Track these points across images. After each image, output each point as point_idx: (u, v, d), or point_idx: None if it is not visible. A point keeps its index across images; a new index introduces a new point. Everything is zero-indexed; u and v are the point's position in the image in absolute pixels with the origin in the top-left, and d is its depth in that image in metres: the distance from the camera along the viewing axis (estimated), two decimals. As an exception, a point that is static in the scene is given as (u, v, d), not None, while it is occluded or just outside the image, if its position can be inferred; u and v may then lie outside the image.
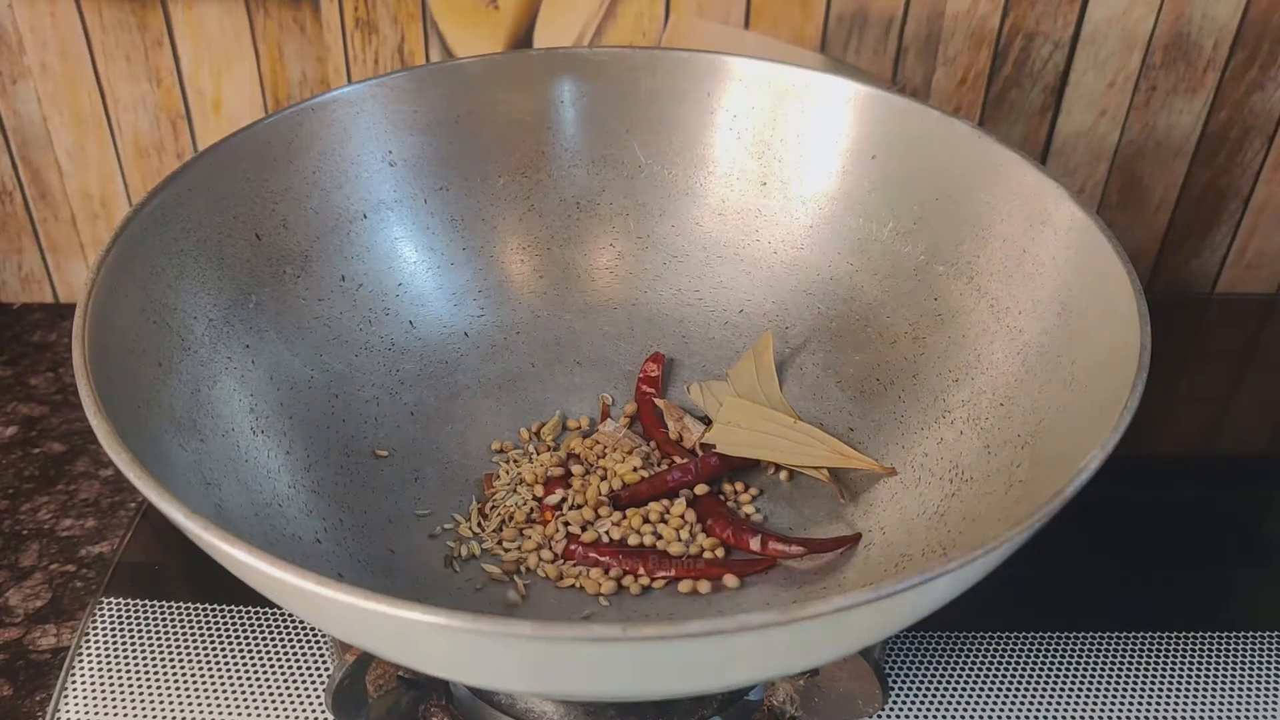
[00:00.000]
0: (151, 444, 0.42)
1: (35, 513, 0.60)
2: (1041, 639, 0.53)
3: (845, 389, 0.56)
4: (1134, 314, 0.42)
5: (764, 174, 0.58)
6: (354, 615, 0.32)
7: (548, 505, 0.52)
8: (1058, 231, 0.49)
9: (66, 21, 0.65)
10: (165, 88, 0.67)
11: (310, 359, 0.53)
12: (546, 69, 0.58)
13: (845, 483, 0.52)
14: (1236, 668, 0.52)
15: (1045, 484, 0.41)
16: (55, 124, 0.68)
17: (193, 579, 0.54)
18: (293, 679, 0.50)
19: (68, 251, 0.73)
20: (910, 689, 0.50)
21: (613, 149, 0.60)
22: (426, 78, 0.57)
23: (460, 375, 0.57)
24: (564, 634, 0.31)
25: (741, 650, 0.33)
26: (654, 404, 0.56)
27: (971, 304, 0.52)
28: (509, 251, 0.60)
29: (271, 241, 0.53)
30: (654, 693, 0.41)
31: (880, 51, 0.68)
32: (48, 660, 0.52)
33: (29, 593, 0.56)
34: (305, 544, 0.47)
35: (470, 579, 0.49)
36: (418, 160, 0.57)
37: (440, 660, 0.36)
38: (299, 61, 0.67)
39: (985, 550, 0.34)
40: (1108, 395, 0.41)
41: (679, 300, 0.60)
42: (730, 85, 0.58)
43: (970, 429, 0.50)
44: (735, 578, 0.48)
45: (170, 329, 0.47)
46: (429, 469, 0.53)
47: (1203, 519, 0.60)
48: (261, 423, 0.50)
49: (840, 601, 0.31)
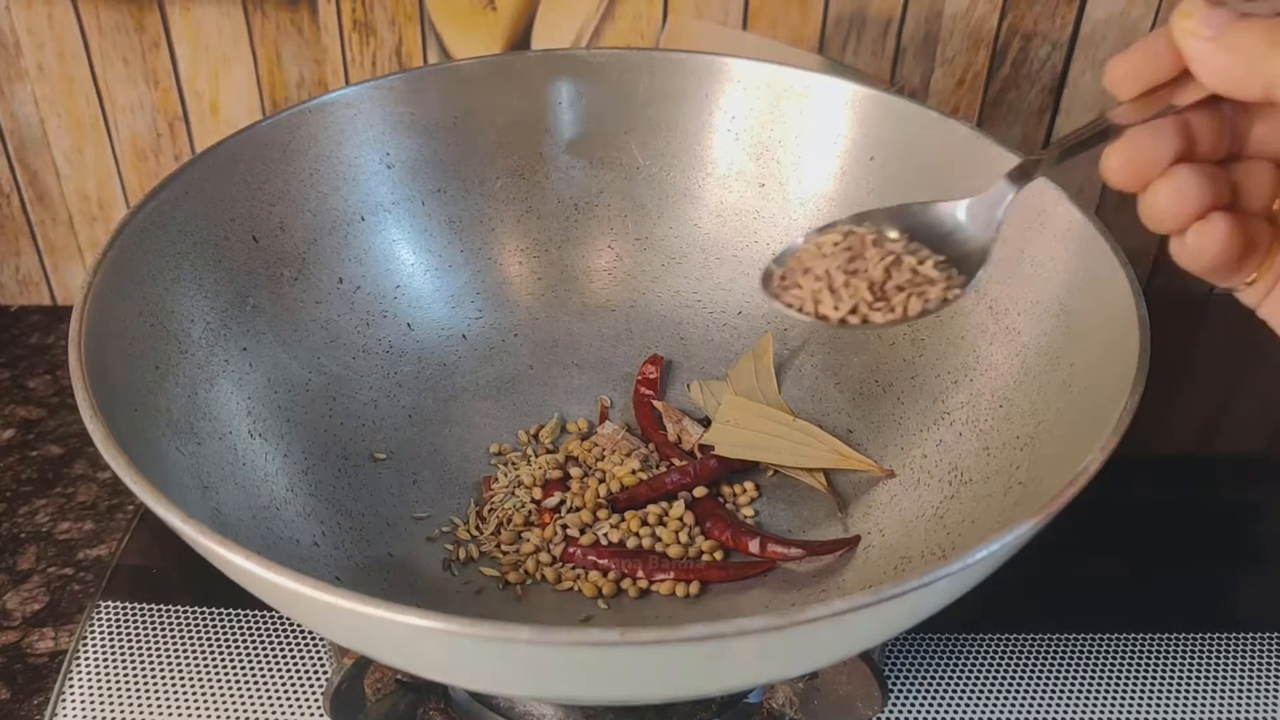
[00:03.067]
0: (148, 447, 0.42)
1: (33, 516, 0.60)
2: (1041, 640, 0.53)
3: (844, 391, 0.56)
4: (1133, 315, 0.42)
5: (762, 175, 0.58)
6: (352, 620, 0.32)
7: (546, 508, 0.52)
8: (1056, 233, 0.49)
9: (64, 24, 0.65)
10: (163, 90, 0.67)
11: (308, 362, 0.53)
12: (544, 70, 0.58)
13: (844, 484, 0.52)
14: (1236, 668, 0.52)
15: (1045, 486, 0.41)
16: (53, 126, 0.68)
17: (191, 582, 0.54)
18: (291, 683, 0.50)
19: (65, 254, 0.73)
20: (910, 691, 0.50)
21: (611, 150, 0.59)
22: (424, 79, 0.57)
23: (458, 377, 0.57)
24: (562, 638, 0.30)
25: (740, 654, 0.33)
26: (652, 406, 0.56)
27: (970, 305, 0.52)
28: (507, 253, 0.60)
29: (269, 244, 0.53)
30: (653, 696, 0.41)
31: (878, 52, 0.68)
32: (45, 664, 0.52)
33: (27, 596, 0.56)
34: (303, 547, 0.47)
35: (469, 582, 0.49)
36: (415, 162, 0.57)
37: (438, 664, 0.36)
38: (296, 63, 0.67)
39: (985, 553, 0.34)
40: (1107, 397, 0.41)
41: (677, 302, 0.60)
42: (728, 86, 0.58)
43: (969, 431, 0.50)
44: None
45: (167, 332, 0.47)
46: (427, 472, 0.53)
47: (1203, 519, 0.60)
48: (259, 426, 0.49)
49: (839, 605, 0.31)
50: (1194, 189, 0.33)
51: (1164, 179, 0.33)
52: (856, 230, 0.42)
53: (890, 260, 0.41)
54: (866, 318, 0.41)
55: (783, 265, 0.43)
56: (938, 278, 0.41)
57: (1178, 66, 0.33)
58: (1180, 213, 0.33)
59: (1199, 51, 0.32)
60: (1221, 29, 0.31)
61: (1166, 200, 0.33)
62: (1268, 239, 0.35)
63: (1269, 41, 0.30)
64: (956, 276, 0.41)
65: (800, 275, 0.42)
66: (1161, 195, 0.33)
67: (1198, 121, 0.34)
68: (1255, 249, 0.35)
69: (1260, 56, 0.31)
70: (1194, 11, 0.32)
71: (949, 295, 0.41)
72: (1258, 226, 0.35)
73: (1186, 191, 0.33)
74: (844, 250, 0.42)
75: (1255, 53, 0.31)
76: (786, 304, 0.42)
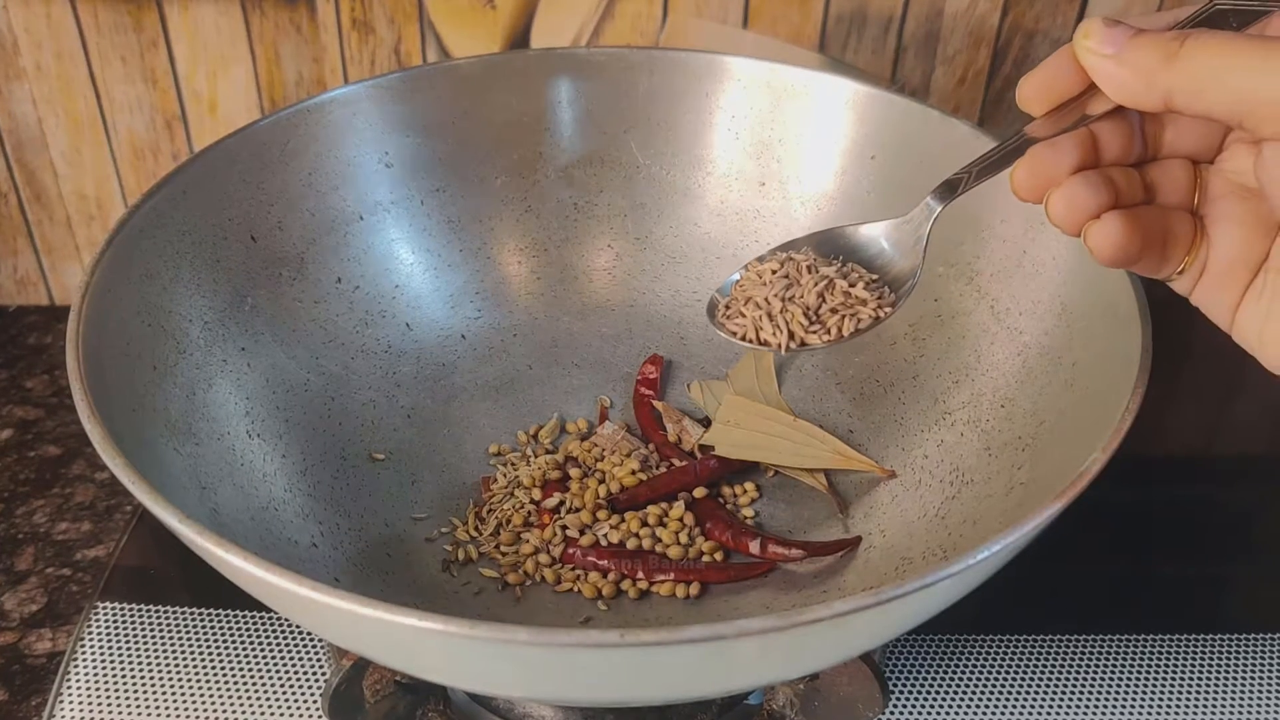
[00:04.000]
0: (146, 448, 0.42)
1: (31, 516, 0.60)
2: (1042, 641, 0.52)
3: (845, 391, 0.55)
4: (1135, 315, 0.42)
5: (762, 174, 0.58)
6: (350, 621, 0.32)
7: (545, 508, 0.51)
8: (1057, 232, 0.48)
9: (62, 23, 0.65)
10: (161, 89, 0.67)
11: (306, 362, 0.53)
12: (544, 69, 0.58)
13: (845, 485, 0.52)
14: (1237, 668, 0.51)
15: (1046, 486, 0.41)
16: (50, 125, 0.68)
17: (189, 583, 0.54)
18: (289, 684, 0.50)
19: (63, 254, 0.73)
20: (911, 692, 0.50)
21: (610, 149, 0.59)
22: (423, 78, 0.57)
23: (457, 378, 0.57)
24: (562, 640, 0.30)
25: (741, 655, 0.33)
26: (652, 406, 0.56)
27: (971, 305, 0.52)
28: (506, 253, 0.59)
29: (267, 243, 0.53)
30: (653, 698, 0.41)
31: (879, 51, 0.67)
32: (43, 665, 0.52)
33: (24, 597, 0.55)
34: (301, 548, 0.46)
35: (468, 583, 0.49)
36: (414, 161, 0.57)
37: (437, 666, 0.36)
38: (295, 62, 0.67)
39: (986, 553, 0.34)
40: (1109, 397, 0.41)
41: (677, 301, 0.60)
42: (728, 85, 0.58)
43: (971, 431, 0.50)
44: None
45: (165, 332, 0.47)
46: (426, 472, 0.53)
47: (1203, 519, 0.60)
48: (257, 426, 0.49)
49: (840, 606, 0.31)
50: (1083, 195, 0.36)
51: (1057, 188, 0.36)
52: (794, 257, 0.46)
53: (824, 285, 0.45)
54: (804, 341, 0.45)
55: (726, 295, 0.47)
56: (869, 298, 0.44)
57: (1085, 80, 0.36)
58: (1072, 217, 0.36)
59: (1100, 68, 0.34)
60: (1120, 45, 0.34)
61: (1056, 206, 0.36)
62: (1190, 231, 0.38)
63: (1162, 55, 0.33)
64: (888, 295, 0.45)
65: (743, 305, 0.46)
66: (1053, 202, 0.36)
67: (1108, 130, 0.37)
68: (1178, 242, 0.38)
69: (1155, 71, 0.33)
70: (1093, 31, 0.34)
71: (881, 314, 0.45)
72: (1179, 220, 0.38)
73: (1075, 198, 0.36)
74: (781, 278, 0.45)
75: (1150, 67, 0.33)
76: (730, 333, 0.46)
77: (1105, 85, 0.35)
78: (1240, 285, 0.37)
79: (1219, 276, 0.38)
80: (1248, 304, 0.37)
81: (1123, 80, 0.34)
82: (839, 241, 0.46)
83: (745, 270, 0.47)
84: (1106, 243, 0.36)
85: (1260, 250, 0.37)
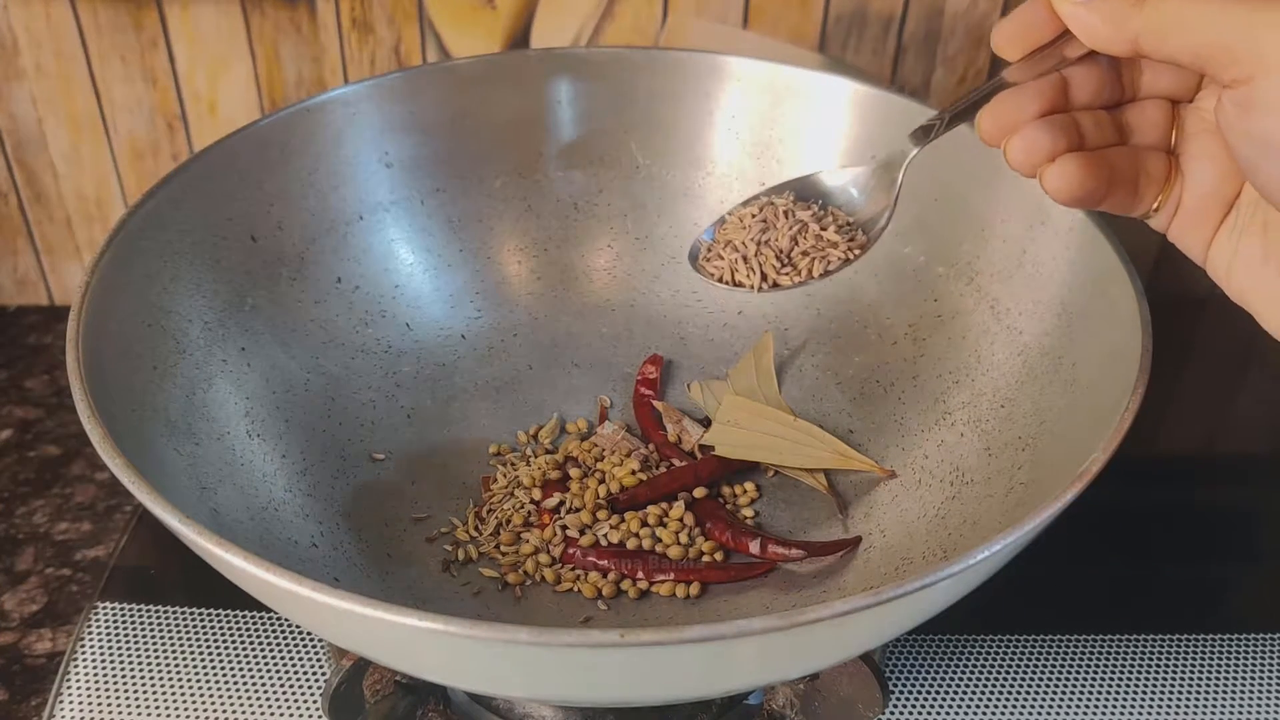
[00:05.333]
0: (146, 448, 0.42)
1: (30, 516, 0.60)
2: (1043, 642, 0.52)
3: (845, 391, 0.55)
4: (1135, 315, 0.42)
5: (763, 174, 0.58)
6: (350, 621, 0.32)
7: (545, 508, 0.51)
8: (1058, 231, 0.49)
9: (62, 23, 0.65)
10: (161, 89, 0.67)
11: (306, 362, 0.53)
12: (544, 69, 0.58)
13: (845, 485, 0.52)
14: (1237, 668, 0.51)
15: (1046, 486, 0.41)
16: (50, 125, 0.68)
17: (189, 583, 0.54)
18: (289, 684, 0.50)
19: (63, 254, 0.73)
20: (911, 693, 0.50)
21: (610, 150, 0.59)
22: (423, 78, 0.57)
23: (457, 378, 0.57)
24: (562, 640, 0.30)
25: (741, 655, 0.33)
26: (652, 406, 0.56)
27: (972, 305, 0.52)
28: (506, 253, 0.59)
29: (267, 243, 0.53)
30: (653, 698, 0.41)
31: (879, 51, 0.67)
32: (43, 665, 0.52)
33: (24, 597, 0.55)
34: (301, 548, 0.46)
35: (468, 583, 0.49)
36: (414, 161, 0.57)
37: (437, 666, 0.36)
38: (295, 62, 0.67)
39: (986, 554, 0.34)
40: (1109, 397, 0.41)
41: (677, 301, 0.60)
42: (729, 85, 0.58)
43: (971, 431, 0.50)
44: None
45: (165, 332, 0.47)
46: (426, 472, 0.53)
47: (1203, 519, 0.60)
48: (257, 426, 0.49)
49: (840, 606, 0.31)
50: (1039, 139, 0.37)
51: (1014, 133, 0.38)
52: (774, 201, 0.47)
53: (798, 228, 0.46)
54: (776, 282, 0.46)
55: (710, 238, 0.48)
56: (840, 241, 0.46)
57: (1060, 26, 0.37)
58: (1028, 159, 0.38)
59: (1072, 14, 0.36)
60: None
61: (1013, 149, 0.38)
62: (1165, 170, 0.39)
63: (1130, 2, 0.34)
64: (860, 237, 0.46)
65: (722, 248, 0.47)
66: (1010, 146, 0.38)
67: (1080, 74, 0.38)
68: (1151, 180, 0.39)
69: (1124, 16, 0.35)
70: None
71: (850, 255, 0.46)
72: (1153, 159, 0.39)
73: (1032, 142, 0.37)
74: (759, 222, 0.47)
75: (1119, 14, 0.35)
76: (709, 275, 0.48)
77: (1077, 30, 0.36)
78: (1214, 222, 0.39)
79: (1194, 213, 0.39)
80: (1220, 239, 0.38)
81: (1093, 25, 0.35)
82: (820, 186, 0.47)
83: (729, 215, 0.48)
84: (1061, 183, 0.37)
85: (1233, 188, 0.38)
